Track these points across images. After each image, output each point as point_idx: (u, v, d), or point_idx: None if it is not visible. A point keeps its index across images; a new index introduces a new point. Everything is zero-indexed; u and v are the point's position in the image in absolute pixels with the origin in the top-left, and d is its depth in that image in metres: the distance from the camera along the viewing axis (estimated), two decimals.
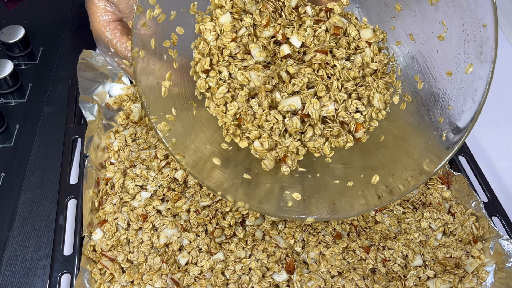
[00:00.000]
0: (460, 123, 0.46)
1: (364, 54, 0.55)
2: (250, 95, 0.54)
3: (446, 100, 0.49)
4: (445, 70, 0.49)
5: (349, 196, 0.50)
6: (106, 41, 0.58)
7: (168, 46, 0.51)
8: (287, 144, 0.54)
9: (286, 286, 0.55)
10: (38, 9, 0.95)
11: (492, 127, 0.78)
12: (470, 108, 0.45)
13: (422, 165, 0.48)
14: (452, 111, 0.48)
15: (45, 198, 0.67)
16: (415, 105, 0.53)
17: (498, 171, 0.72)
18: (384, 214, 0.61)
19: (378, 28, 0.56)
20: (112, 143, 0.68)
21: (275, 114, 0.53)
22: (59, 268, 0.54)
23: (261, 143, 0.53)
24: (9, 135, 0.74)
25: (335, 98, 0.55)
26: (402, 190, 0.48)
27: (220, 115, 0.54)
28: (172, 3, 0.50)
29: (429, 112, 0.51)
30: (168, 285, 0.54)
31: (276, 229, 0.59)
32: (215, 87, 0.53)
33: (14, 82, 0.79)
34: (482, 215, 0.59)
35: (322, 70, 0.55)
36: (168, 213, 0.60)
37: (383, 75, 0.56)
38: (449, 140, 0.47)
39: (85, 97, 0.70)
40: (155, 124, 0.48)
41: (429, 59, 0.51)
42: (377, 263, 0.57)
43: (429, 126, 0.50)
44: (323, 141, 0.55)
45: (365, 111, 0.56)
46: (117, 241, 0.58)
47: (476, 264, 0.57)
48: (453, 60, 0.48)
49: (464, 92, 0.47)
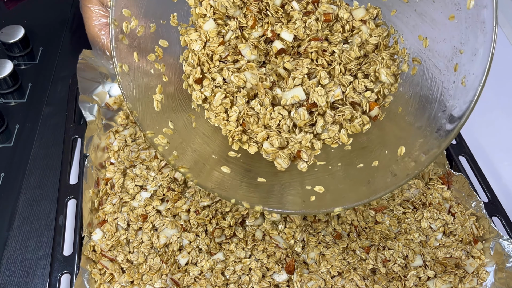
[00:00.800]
0: (477, 62, 0.43)
1: (361, 33, 0.53)
2: (250, 96, 0.53)
3: (455, 46, 0.46)
4: (446, 16, 0.46)
5: (378, 176, 0.48)
6: (101, 44, 0.59)
7: (153, 60, 0.50)
8: (299, 139, 0.51)
9: (286, 286, 0.55)
10: (38, 9, 0.95)
11: (492, 128, 0.78)
12: (483, 42, 0.42)
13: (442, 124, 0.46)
14: (465, 54, 0.45)
15: (45, 198, 0.66)
16: (424, 66, 0.50)
17: (498, 171, 0.72)
18: (384, 214, 0.61)
19: (371, 6, 0.54)
20: (112, 143, 0.68)
21: (279, 110, 0.51)
22: (59, 268, 0.54)
23: (270, 143, 0.51)
24: (9, 136, 0.74)
25: (340, 82, 0.52)
26: (424, 158, 0.46)
27: (223, 123, 0.53)
28: (149, 15, 0.49)
29: (439, 68, 0.48)
30: (168, 285, 0.54)
31: (276, 229, 0.59)
32: (212, 96, 0.52)
33: (14, 82, 0.79)
34: (483, 215, 0.59)
35: (320, 58, 0.53)
36: (168, 213, 0.60)
37: (386, 48, 0.53)
38: (468, 85, 0.44)
39: (85, 97, 0.70)
40: (151, 138, 0.47)
41: (428, 13, 0.49)
42: (377, 263, 0.56)
43: (443, 82, 0.47)
44: (337, 129, 0.52)
45: (376, 87, 0.53)
46: (117, 241, 0.58)
47: (476, 264, 0.56)
48: (451, 2, 0.45)
49: (472, 28, 0.43)
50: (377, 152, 0.50)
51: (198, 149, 0.51)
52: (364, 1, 0.55)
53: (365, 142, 0.53)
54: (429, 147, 0.46)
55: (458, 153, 0.66)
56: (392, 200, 0.62)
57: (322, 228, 0.59)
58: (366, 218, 0.60)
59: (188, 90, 0.54)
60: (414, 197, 0.63)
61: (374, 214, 0.61)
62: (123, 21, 0.47)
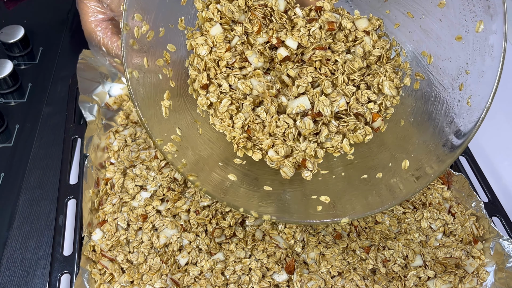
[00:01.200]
0: (483, 84, 0.44)
1: (364, 44, 0.53)
2: (255, 103, 0.53)
3: (461, 66, 0.46)
4: (453, 36, 0.46)
5: (382, 187, 0.48)
6: (97, 40, 0.59)
7: (162, 65, 0.50)
8: (304, 148, 0.52)
9: (286, 286, 0.55)
10: (38, 9, 0.95)
11: (492, 128, 0.78)
12: (490, 66, 0.43)
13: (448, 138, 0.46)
14: (471, 75, 0.45)
15: (44, 198, 0.66)
16: (428, 82, 0.51)
17: (498, 171, 0.72)
18: (384, 214, 0.61)
19: (373, 16, 0.55)
20: (112, 143, 0.68)
21: (285, 119, 0.52)
22: (59, 268, 0.54)
23: (276, 151, 0.51)
24: (8, 136, 0.74)
25: (343, 92, 0.53)
26: (432, 170, 0.46)
27: (228, 130, 0.53)
28: (158, 19, 0.49)
29: (444, 86, 0.48)
30: (168, 285, 0.54)
31: (276, 229, 0.59)
32: (217, 102, 0.52)
33: (14, 82, 0.79)
34: (483, 215, 0.59)
35: (324, 67, 0.53)
36: (168, 213, 0.60)
37: (389, 60, 0.54)
38: (473, 105, 0.45)
39: (85, 97, 0.70)
40: (160, 146, 0.46)
41: (433, 30, 0.49)
42: (377, 263, 0.56)
43: (448, 100, 0.48)
44: (340, 138, 0.53)
45: (378, 100, 0.54)
46: (117, 241, 0.58)
47: (476, 264, 0.56)
48: (459, 23, 0.45)
49: (480, 51, 0.44)
50: (380, 164, 0.51)
51: (204, 156, 0.51)
52: (366, 12, 0.55)
53: (367, 152, 0.53)
54: (434, 161, 0.47)
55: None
56: None
57: (322, 228, 0.59)
58: (366, 218, 0.60)
59: (193, 96, 0.54)
60: (414, 197, 0.63)
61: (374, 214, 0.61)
62: (134, 26, 0.46)
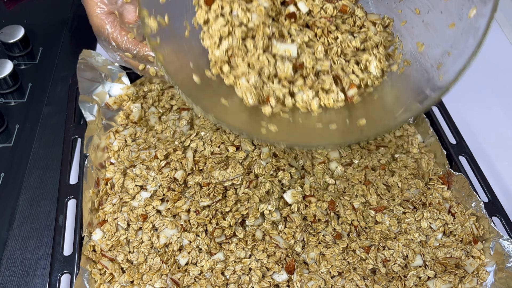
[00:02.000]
0: (458, 63, 0.45)
1: (368, 31, 0.55)
2: (247, 36, 0.54)
3: (446, 50, 0.48)
4: (447, 25, 0.48)
5: (332, 136, 0.51)
6: (106, 35, 0.58)
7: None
8: (275, 88, 0.53)
9: (286, 286, 0.55)
10: (38, 9, 0.95)
11: (492, 127, 0.78)
12: (471, 45, 0.44)
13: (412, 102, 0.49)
14: (452, 56, 0.47)
15: (44, 198, 0.66)
16: (412, 66, 0.53)
17: (498, 171, 0.72)
18: (384, 214, 0.61)
19: (386, 16, 0.57)
20: (112, 143, 0.68)
21: (267, 56, 0.52)
22: (59, 268, 0.54)
23: (247, 80, 0.52)
24: (8, 136, 0.74)
25: (332, 60, 0.54)
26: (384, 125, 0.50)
27: (212, 47, 0.54)
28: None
29: (425, 68, 0.51)
30: (168, 285, 0.54)
31: (276, 229, 0.59)
32: (213, 20, 0.53)
33: (14, 82, 0.79)
34: (483, 215, 0.59)
35: (324, 37, 0.55)
36: (168, 213, 0.60)
37: (385, 48, 0.56)
38: (444, 79, 0.47)
39: (85, 97, 0.70)
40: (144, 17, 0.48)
41: (433, 23, 0.51)
42: (377, 263, 0.56)
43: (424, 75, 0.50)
44: (312, 95, 0.54)
45: (362, 75, 0.55)
46: (117, 241, 0.58)
47: (476, 264, 0.56)
48: (457, 13, 0.47)
49: (466, 34, 0.46)
50: (338, 121, 0.53)
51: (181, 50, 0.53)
52: (382, 12, 0.57)
53: (333, 120, 0.55)
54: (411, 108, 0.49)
55: (458, 153, 0.66)
56: (392, 200, 0.63)
57: (322, 228, 0.59)
58: (366, 218, 0.60)
59: (193, 23, 0.55)
60: (414, 197, 0.63)
61: (374, 214, 0.61)
62: (151, 16, 0.48)
